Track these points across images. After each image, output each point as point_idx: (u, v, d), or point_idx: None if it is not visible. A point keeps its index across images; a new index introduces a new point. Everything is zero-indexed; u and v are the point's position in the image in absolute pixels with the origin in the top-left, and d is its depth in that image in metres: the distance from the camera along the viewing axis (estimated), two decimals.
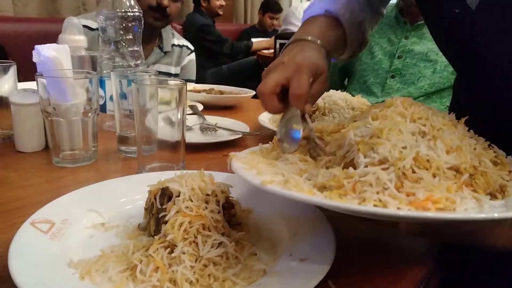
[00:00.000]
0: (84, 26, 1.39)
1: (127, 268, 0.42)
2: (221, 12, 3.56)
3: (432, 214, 0.36)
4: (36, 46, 0.78)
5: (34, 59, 0.76)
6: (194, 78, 1.95)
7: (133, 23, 0.93)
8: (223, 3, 3.55)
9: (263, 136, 0.92)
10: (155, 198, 0.47)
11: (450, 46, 0.67)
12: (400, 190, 0.39)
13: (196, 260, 0.41)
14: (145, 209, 0.50)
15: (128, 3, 0.92)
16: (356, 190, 0.40)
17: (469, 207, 0.39)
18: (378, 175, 0.40)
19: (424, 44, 1.49)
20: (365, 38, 0.82)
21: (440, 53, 1.49)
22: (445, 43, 0.68)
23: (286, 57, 0.62)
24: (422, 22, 1.49)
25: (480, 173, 0.43)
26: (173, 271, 0.40)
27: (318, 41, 0.67)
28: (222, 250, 0.42)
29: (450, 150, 0.43)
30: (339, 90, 1.00)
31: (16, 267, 0.39)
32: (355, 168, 0.42)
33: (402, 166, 0.40)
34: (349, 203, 0.38)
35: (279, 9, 4.12)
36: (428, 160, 0.41)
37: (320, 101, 0.94)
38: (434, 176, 0.40)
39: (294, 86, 0.56)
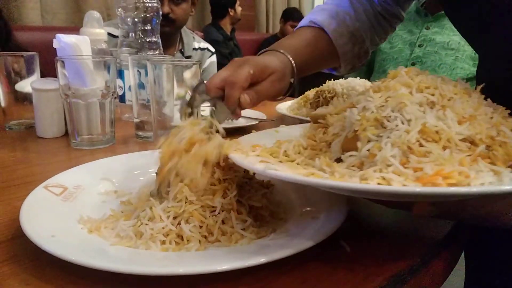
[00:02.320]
0: (107, 33, 1.43)
1: (135, 225, 0.42)
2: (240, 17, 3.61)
3: (442, 189, 0.32)
4: (57, 34, 0.81)
5: (55, 45, 0.78)
6: None
7: (151, 14, 0.95)
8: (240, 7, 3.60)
9: (279, 123, 0.92)
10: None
11: (471, 30, 0.64)
12: (406, 165, 0.35)
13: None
14: (156, 173, 0.50)
15: None
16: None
17: (486, 181, 0.34)
18: (382, 151, 0.36)
19: (446, 34, 1.47)
20: (363, 50, 0.80)
21: (462, 42, 1.46)
22: (467, 27, 0.66)
23: (243, 58, 0.66)
24: (443, 12, 1.47)
25: (498, 144, 0.38)
26: (179, 225, 0.39)
27: (289, 56, 0.69)
28: (228, 201, 0.41)
29: (462, 120, 0.39)
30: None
31: (27, 220, 0.39)
32: (356, 149, 0.39)
33: (407, 140, 0.36)
34: (350, 182, 0.34)
35: (300, 18, 4.13)
36: (437, 132, 0.37)
37: (338, 87, 0.93)
38: (444, 149, 0.36)
39: (230, 75, 0.60)
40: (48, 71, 0.98)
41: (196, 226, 0.39)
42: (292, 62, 0.69)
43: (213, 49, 1.96)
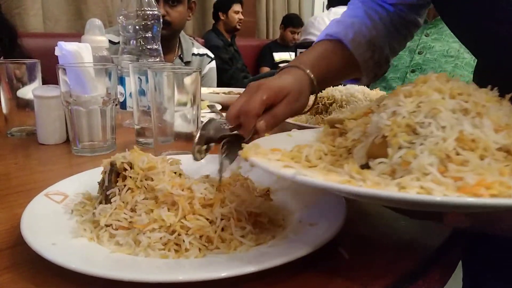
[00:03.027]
0: None
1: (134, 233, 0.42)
2: (239, 27, 3.57)
3: (494, 201, 0.30)
4: (59, 42, 0.81)
5: (56, 53, 0.79)
6: (215, 85, 1.98)
7: (152, 22, 0.95)
8: (241, 17, 3.56)
9: (279, 130, 0.92)
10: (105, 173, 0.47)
11: (468, 29, 0.65)
12: (445, 174, 0.33)
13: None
14: (98, 183, 0.49)
15: (147, 2, 0.95)
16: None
17: None
18: (418, 158, 0.34)
19: (445, 40, 1.48)
20: (383, 58, 0.80)
21: (462, 50, 1.47)
22: (464, 28, 0.67)
23: (259, 82, 0.66)
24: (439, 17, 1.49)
25: None
26: (179, 235, 0.40)
27: (308, 70, 0.69)
28: (227, 210, 0.41)
29: (498, 128, 0.37)
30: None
31: (27, 227, 0.40)
32: (385, 155, 0.37)
33: (444, 147, 0.35)
34: (389, 191, 0.32)
35: (300, 24, 4.15)
36: (473, 140, 0.36)
37: (337, 94, 0.93)
38: (481, 158, 0.35)
39: (244, 104, 0.60)
40: (50, 77, 0.99)
41: (196, 237, 0.40)
42: (311, 76, 0.69)
43: (212, 55, 1.97)
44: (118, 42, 1.65)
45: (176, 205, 0.41)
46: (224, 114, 1.06)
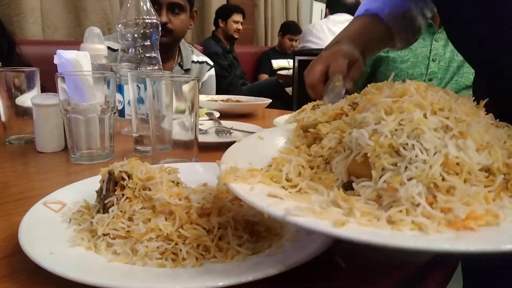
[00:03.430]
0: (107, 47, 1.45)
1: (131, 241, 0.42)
2: (236, 36, 3.60)
3: (491, 246, 0.29)
4: (58, 50, 0.82)
5: (55, 61, 0.80)
6: (214, 93, 1.99)
7: (151, 30, 0.96)
8: (240, 27, 3.59)
9: None
10: (103, 181, 0.47)
11: (466, 42, 0.66)
12: (434, 206, 0.33)
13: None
14: (96, 192, 0.49)
15: (146, 11, 0.95)
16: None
17: None
18: (406, 186, 0.34)
19: (452, 46, 1.51)
20: (416, 27, 0.89)
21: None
22: (462, 42, 0.68)
23: (324, 52, 0.77)
24: None
25: None
26: (176, 244, 0.40)
27: (351, 44, 0.79)
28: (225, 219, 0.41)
29: (480, 147, 0.37)
30: None
31: (25, 236, 0.40)
32: (367, 175, 0.37)
33: (431, 174, 0.34)
34: (385, 238, 0.30)
35: (298, 31, 4.18)
36: (458, 164, 0.35)
37: None
38: (465, 181, 0.35)
39: (333, 66, 0.70)
40: (48, 84, 0.99)
41: (193, 247, 0.40)
42: (362, 46, 0.81)
43: (211, 63, 1.98)
44: (117, 50, 1.66)
45: (174, 214, 0.41)
46: (222, 122, 1.07)
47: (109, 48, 1.62)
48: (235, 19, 3.56)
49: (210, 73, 1.96)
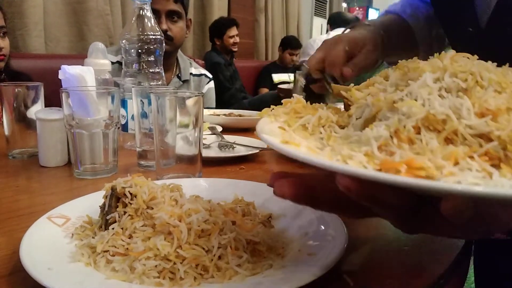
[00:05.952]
0: None
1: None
2: (235, 49, 3.61)
3: (398, 178, 0.27)
4: (63, 66, 0.82)
5: (60, 76, 0.80)
6: (214, 105, 1.99)
7: (155, 46, 0.97)
8: (237, 40, 3.59)
9: None
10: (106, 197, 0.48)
11: None
12: (383, 148, 0.32)
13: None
14: (100, 207, 0.49)
15: (150, 27, 0.96)
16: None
17: (468, 180, 0.28)
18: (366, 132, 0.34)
19: None
20: (441, 32, 0.80)
21: None
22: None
23: (328, 39, 0.73)
24: None
25: None
26: (174, 264, 0.39)
27: (381, 31, 0.74)
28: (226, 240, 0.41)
29: (485, 112, 0.32)
30: None
31: (26, 253, 0.40)
32: None
33: (403, 125, 0.33)
34: (319, 157, 0.32)
35: (298, 46, 4.21)
36: (444, 121, 0.33)
37: None
38: (446, 141, 0.32)
39: (327, 55, 0.68)
40: (51, 98, 1.00)
41: (191, 266, 0.40)
42: (381, 32, 0.73)
43: (210, 75, 1.99)
44: (116, 62, 1.68)
45: (172, 234, 0.41)
46: (224, 136, 1.07)
47: None
48: (230, 34, 3.54)
49: (210, 86, 1.98)
